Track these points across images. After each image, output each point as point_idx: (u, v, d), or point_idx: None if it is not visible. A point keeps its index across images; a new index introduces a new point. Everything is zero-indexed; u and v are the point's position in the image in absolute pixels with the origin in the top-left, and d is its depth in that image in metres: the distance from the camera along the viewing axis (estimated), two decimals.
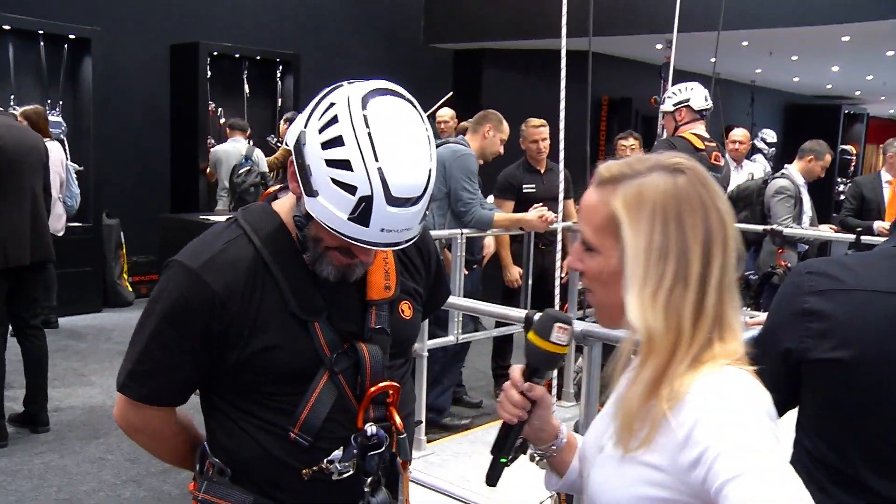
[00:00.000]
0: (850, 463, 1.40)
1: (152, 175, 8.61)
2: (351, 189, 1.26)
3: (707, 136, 4.64)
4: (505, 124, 4.88)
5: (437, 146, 4.68)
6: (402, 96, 1.35)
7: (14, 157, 4.28)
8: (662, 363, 1.09)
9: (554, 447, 1.36)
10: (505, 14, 9.57)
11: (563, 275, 4.45)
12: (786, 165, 6.03)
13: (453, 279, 4.57)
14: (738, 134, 7.11)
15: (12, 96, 7.27)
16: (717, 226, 1.12)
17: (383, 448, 1.42)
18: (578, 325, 2.15)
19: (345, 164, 1.26)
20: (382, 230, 1.28)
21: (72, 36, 7.58)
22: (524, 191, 5.27)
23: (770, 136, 9.83)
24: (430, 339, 4.25)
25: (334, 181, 1.27)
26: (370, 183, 1.25)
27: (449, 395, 4.93)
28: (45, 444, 4.43)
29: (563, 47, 3.86)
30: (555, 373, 4.04)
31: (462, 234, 4.54)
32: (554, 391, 4.47)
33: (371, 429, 1.41)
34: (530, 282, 5.04)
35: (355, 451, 1.39)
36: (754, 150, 9.80)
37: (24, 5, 7.46)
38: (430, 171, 1.31)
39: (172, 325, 1.38)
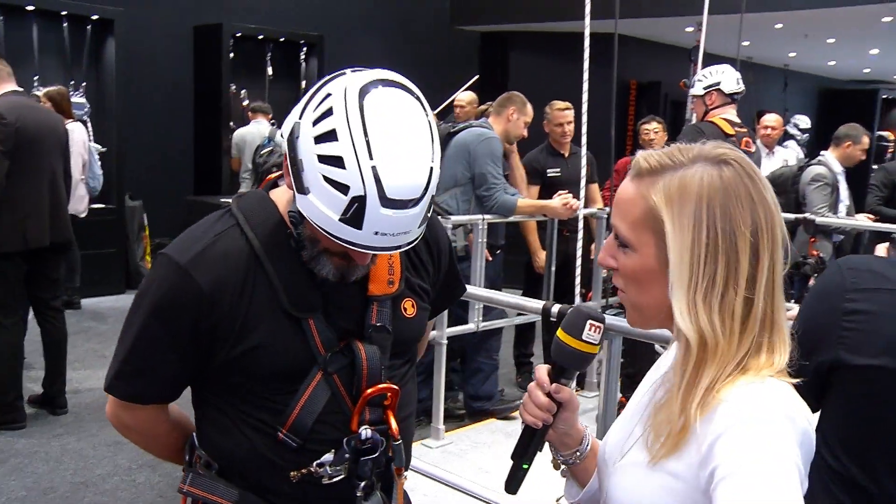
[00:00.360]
0: (877, 481, 1.28)
1: (175, 157, 8.61)
2: (343, 188, 1.17)
3: (738, 121, 4.50)
4: (529, 107, 4.78)
5: (459, 130, 4.64)
6: (406, 88, 1.24)
7: (34, 138, 4.25)
8: (713, 369, 1.02)
9: (578, 453, 1.27)
10: None
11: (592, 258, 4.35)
12: (822, 152, 5.86)
13: (474, 265, 4.50)
14: (771, 119, 6.92)
15: (36, 77, 7.27)
16: (765, 220, 1.04)
17: (377, 453, 1.34)
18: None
19: (337, 161, 1.17)
20: (376, 233, 1.19)
21: (95, 17, 7.55)
22: (549, 175, 5.19)
23: (804, 121, 9.61)
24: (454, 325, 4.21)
25: (326, 179, 1.18)
26: (363, 183, 1.16)
27: (494, 380, 4.84)
28: (62, 427, 4.42)
29: (586, 27, 3.75)
30: None
31: (483, 219, 4.45)
32: (574, 382, 4.37)
33: (365, 432, 1.33)
34: (553, 269, 4.93)
35: (347, 455, 1.32)
36: (787, 136, 9.59)
37: None
38: (431, 170, 1.20)
39: (159, 321, 1.31)
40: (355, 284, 1.36)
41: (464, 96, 6.86)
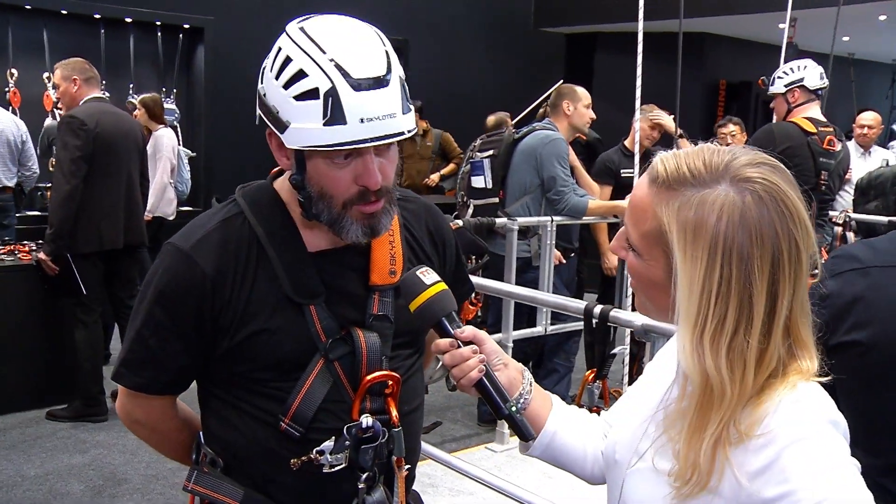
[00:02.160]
0: (870, 464, 1.22)
1: (261, 161, 8.69)
2: (313, 93, 1.20)
3: (822, 119, 4.26)
4: (580, 90, 4.62)
5: (524, 135, 4.56)
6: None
7: (111, 143, 4.41)
8: (719, 415, 0.95)
9: (525, 389, 1.24)
10: None
11: None
12: None
13: (543, 268, 4.42)
14: (868, 117, 6.55)
15: (131, 85, 7.62)
16: (788, 257, 0.96)
17: (378, 442, 1.33)
18: (639, 319, 1.97)
19: (299, 75, 1.21)
20: (362, 120, 1.20)
21: (186, 26, 7.86)
22: (623, 175, 5.06)
23: None
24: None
25: (297, 98, 1.21)
26: (327, 75, 1.20)
27: (567, 382, 4.77)
28: None
29: (639, 31, 3.64)
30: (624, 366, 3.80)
31: (552, 220, 4.37)
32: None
33: (366, 420, 1.32)
34: (625, 272, 4.79)
35: (347, 443, 1.31)
36: (893, 135, 9.08)
37: None
38: (386, 52, 1.24)
39: (164, 308, 1.32)
40: (358, 275, 1.36)
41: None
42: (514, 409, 1.20)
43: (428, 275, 1.24)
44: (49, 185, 6.72)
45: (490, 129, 6.53)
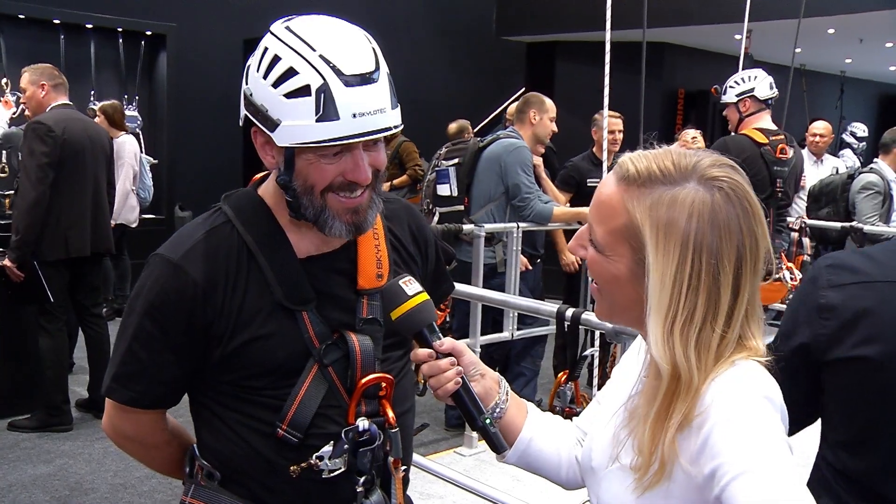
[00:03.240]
0: (873, 473, 1.26)
1: (225, 169, 8.78)
2: (305, 90, 1.21)
3: (773, 127, 4.39)
4: (548, 102, 4.70)
5: (488, 143, 4.62)
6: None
7: (79, 150, 4.38)
8: (684, 404, 1.00)
9: (500, 399, 1.28)
10: (578, 5, 9.37)
11: None
12: (875, 160, 5.71)
13: (509, 274, 4.48)
14: (819, 127, 6.76)
15: (92, 91, 7.53)
16: (749, 251, 1.02)
17: (375, 444, 1.34)
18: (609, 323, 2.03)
19: (289, 73, 1.22)
20: (354, 116, 1.22)
21: (148, 32, 7.80)
22: (589, 184, 5.14)
23: (860, 129, 9.34)
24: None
25: (287, 96, 1.23)
26: (318, 72, 1.21)
27: (534, 385, 4.82)
28: None
29: (607, 41, 3.73)
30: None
31: (518, 227, 4.44)
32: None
33: (363, 423, 1.33)
34: (591, 278, 4.88)
35: (346, 447, 1.32)
36: (843, 144, 9.33)
37: (103, 3, 7.71)
38: (373, 49, 1.27)
39: (154, 320, 1.31)
40: (345, 279, 1.37)
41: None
42: (487, 421, 1.22)
43: (410, 285, 1.25)
44: (6, 192, 6.62)
45: (452, 136, 6.59)
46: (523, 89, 8.47)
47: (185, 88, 8.13)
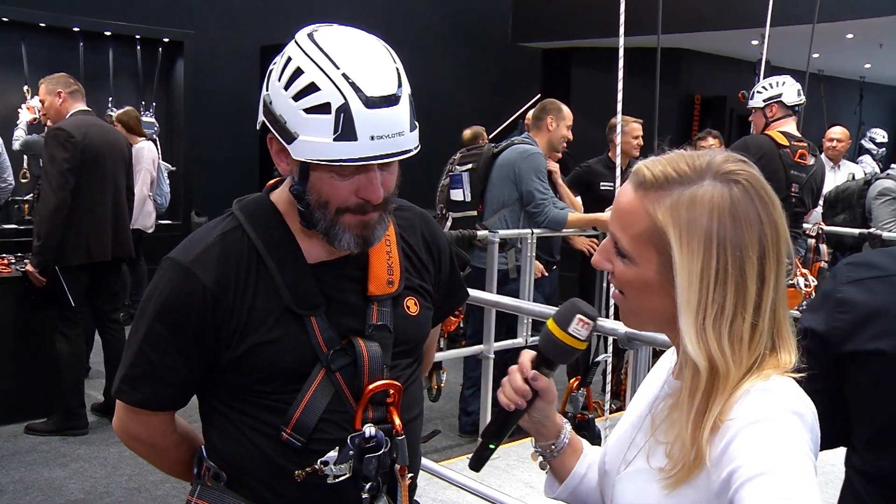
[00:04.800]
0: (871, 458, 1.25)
1: (241, 175, 8.84)
2: (325, 108, 1.21)
3: (796, 133, 4.37)
4: (565, 109, 4.70)
5: (503, 149, 4.63)
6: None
7: (99, 155, 4.43)
8: (723, 397, 1.01)
9: (553, 446, 1.27)
10: (594, 11, 9.37)
11: None
12: (893, 165, 5.65)
13: (523, 280, 4.48)
14: (836, 132, 6.71)
15: (110, 98, 7.60)
16: (771, 242, 1.03)
17: (381, 451, 1.34)
18: (622, 328, 2.02)
19: (310, 88, 1.22)
20: (372, 138, 1.22)
21: (166, 39, 7.87)
22: (601, 188, 5.14)
23: (880, 135, 9.25)
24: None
25: (307, 111, 1.22)
26: (340, 91, 1.21)
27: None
28: None
29: (620, 46, 3.72)
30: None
31: (532, 233, 4.43)
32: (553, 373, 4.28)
33: (369, 430, 1.33)
34: (605, 285, 4.88)
35: (351, 453, 1.32)
36: (862, 150, 9.26)
37: (122, 11, 7.79)
38: (397, 69, 1.27)
39: (164, 323, 1.32)
40: (356, 285, 1.38)
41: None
42: (492, 446, 1.24)
43: (585, 328, 1.18)
44: (26, 197, 6.70)
45: (466, 142, 6.60)
46: (539, 95, 8.47)
47: (202, 95, 8.20)
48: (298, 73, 1.23)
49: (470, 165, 4.73)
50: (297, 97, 1.23)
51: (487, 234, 4.31)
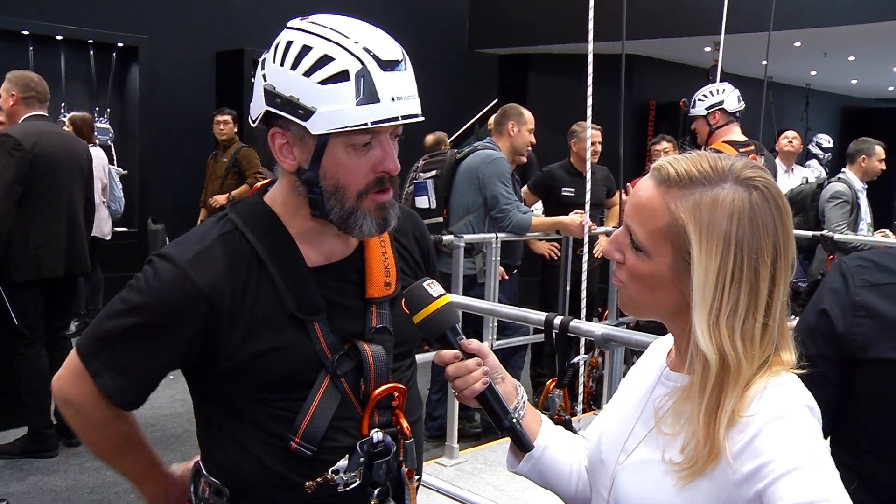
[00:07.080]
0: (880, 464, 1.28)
1: (197, 181, 8.70)
2: (343, 75, 1.21)
3: (742, 139, 4.46)
4: (526, 114, 4.72)
5: (466, 155, 4.65)
6: None
7: (50, 163, 4.15)
8: (736, 393, 1.05)
9: (519, 403, 1.29)
10: (550, 18, 9.47)
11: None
12: (843, 169, 5.84)
13: (487, 284, 4.50)
14: (790, 133, 6.96)
15: (63, 104, 7.44)
16: (783, 247, 1.08)
17: (390, 455, 1.32)
18: (599, 329, 2.05)
19: (323, 60, 1.22)
20: (393, 99, 1.23)
21: (120, 44, 7.74)
22: (563, 193, 5.19)
23: (825, 140, 9.54)
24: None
25: (322, 83, 1.21)
26: (356, 57, 1.22)
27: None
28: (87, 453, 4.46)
29: (589, 52, 3.78)
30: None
31: (497, 237, 4.46)
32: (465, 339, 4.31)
33: (377, 435, 1.31)
34: (568, 288, 4.92)
35: (361, 460, 1.29)
36: (809, 155, 9.51)
37: (74, 16, 7.64)
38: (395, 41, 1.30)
39: (150, 325, 1.26)
40: (354, 288, 1.35)
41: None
42: (514, 420, 1.23)
43: (434, 287, 1.24)
44: None
45: (429, 148, 6.61)
46: (496, 101, 8.52)
47: (157, 101, 8.07)
48: (306, 49, 1.23)
49: (434, 172, 4.75)
50: (308, 72, 1.22)
51: (453, 238, 4.32)
